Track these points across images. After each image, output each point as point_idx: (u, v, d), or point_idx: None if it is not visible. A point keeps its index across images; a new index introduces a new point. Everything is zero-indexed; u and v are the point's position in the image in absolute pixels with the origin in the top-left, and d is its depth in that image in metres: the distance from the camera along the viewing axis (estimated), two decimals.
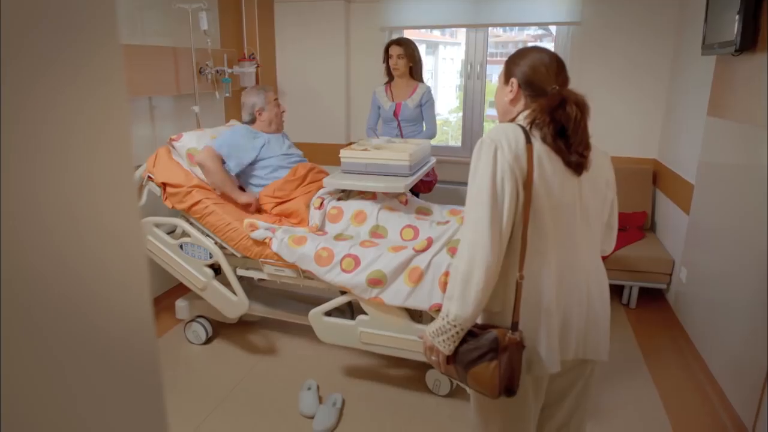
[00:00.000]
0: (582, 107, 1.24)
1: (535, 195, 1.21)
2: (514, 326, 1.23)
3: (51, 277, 0.41)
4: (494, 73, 6.80)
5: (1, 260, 0.36)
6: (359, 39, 4.10)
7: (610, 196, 1.38)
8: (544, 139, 1.24)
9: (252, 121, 2.73)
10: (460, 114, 5.42)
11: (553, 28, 3.92)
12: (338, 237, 2.36)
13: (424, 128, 3.40)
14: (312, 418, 2.24)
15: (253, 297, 2.83)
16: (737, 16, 2.25)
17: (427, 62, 6.03)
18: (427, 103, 3.32)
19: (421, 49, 3.93)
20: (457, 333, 1.24)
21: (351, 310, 2.51)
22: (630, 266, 3.24)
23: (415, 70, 3.33)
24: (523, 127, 1.26)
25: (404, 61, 3.25)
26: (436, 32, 6.10)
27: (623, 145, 3.77)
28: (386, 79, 3.45)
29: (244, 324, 3.01)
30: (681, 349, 2.81)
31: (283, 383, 2.50)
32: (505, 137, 1.23)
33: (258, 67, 3.75)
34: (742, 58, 2.40)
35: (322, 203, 2.49)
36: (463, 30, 4.21)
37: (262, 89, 2.72)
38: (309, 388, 2.40)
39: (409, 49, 3.25)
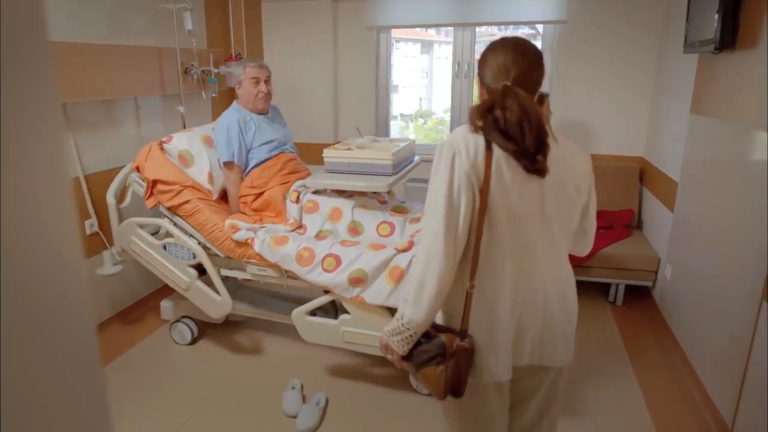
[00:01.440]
0: (523, 108, 1.16)
1: (492, 204, 1.19)
2: (463, 333, 1.25)
3: None
4: None
5: None
6: (347, 38, 4.10)
7: (580, 202, 1.31)
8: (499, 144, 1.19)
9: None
10: None
11: (540, 27, 3.92)
12: (318, 235, 2.36)
13: None
14: (295, 417, 2.24)
15: (238, 297, 2.83)
16: (716, 15, 2.26)
17: (421, 61, 6.03)
18: None
19: (416, 48, 3.93)
20: (411, 336, 1.26)
21: (335, 309, 2.51)
22: (616, 264, 3.25)
23: None
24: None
25: None
26: (431, 31, 6.09)
27: (610, 143, 3.78)
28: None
29: (230, 324, 3.01)
30: (666, 347, 2.83)
31: (267, 383, 2.50)
32: (464, 143, 1.20)
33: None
34: (722, 56, 2.41)
35: (298, 197, 2.49)
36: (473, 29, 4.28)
37: (245, 62, 2.68)
38: (293, 388, 2.41)
39: None
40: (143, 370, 2.62)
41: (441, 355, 1.23)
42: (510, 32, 5.02)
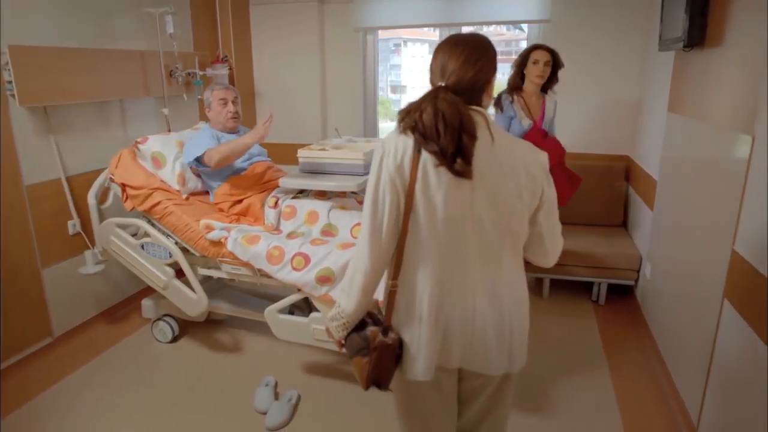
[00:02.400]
0: (436, 111, 1.14)
1: (416, 206, 1.19)
2: (386, 330, 1.28)
3: None
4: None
5: None
6: (334, 40, 4.13)
7: (523, 207, 1.23)
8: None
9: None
10: None
11: (525, 27, 3.93)
12: (290, 235, 2.39)
13: None
14: (266, 413, 2.27)
15: (220, 296, 2.88)
16: (684, 13, 2.26)
17: (427, 61, 6.04)
18: (555, 116, 2.94)
19: (423, 49, 3.94)
20: (345, 323, 1.32)
21: (309, 307, 2.54)
22: (598, 263, 3.25)
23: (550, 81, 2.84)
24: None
25: (549, 69, 2.75)
26: (437, 31, 6.09)
27: (597, 143, 3.78)
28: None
29: (213, 323, 3.06)
30: (644, 346, 2.82)
31: (243, 380, 2.54)
32: (394, 145, 1.21)
33: (231, 69, 3.79)
34: (692, 54, 2.41)
35: (276, 202, 2.52)
36: (465, 29, 4.31)
37: (212, 87, 2.75)
38: (266, 385, 2.44)
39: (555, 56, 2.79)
40: (123, 368, 2.67)
41: (366, 348, 1.28)
42: (518, 32, 5.01)
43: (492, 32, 6.07)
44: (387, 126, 5.46)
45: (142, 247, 2.59)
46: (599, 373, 2.60)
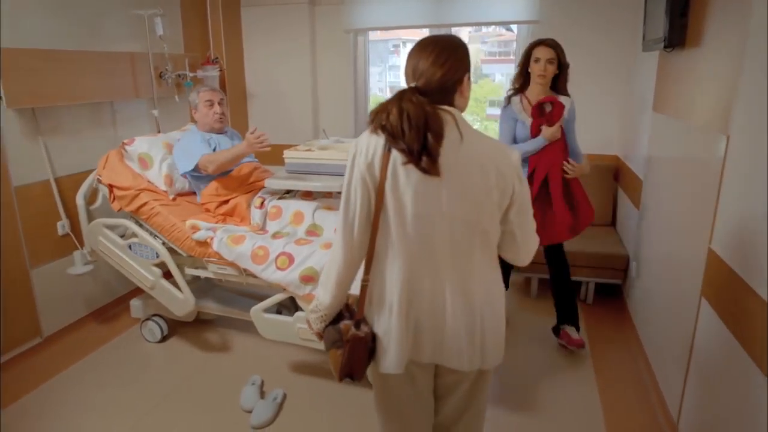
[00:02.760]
0: (401, 111, 1.17)
1: (386, 204, 1.22)
2: (358, 323, 1.31)
3: None
4: (496, 72, 6.76)
5: None
6: (325, 41, 4.16)
7: (492, 205, 1.24)
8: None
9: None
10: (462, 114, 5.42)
11: (515, 28, 3.94)
12: (275, 235, 2.41)
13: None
14: (251, 412, 2.29)
15: (209, 296, 2.90)
16: (665, 14, 2.28)
17: None
18: (573, 121, 2.64)
19: None
20: (322, 316, 1.37)
21: (296, 306, 2.56)
22: (586, 262, 3.26)
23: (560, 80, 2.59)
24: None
25: (553, 67, 2.54)
26: (426, 32, 6.12)
27: (587, 143, 3.74)
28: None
29: (202, 322, 3.08)
30: (630, 345, 2.84)
31: (230, 379, 2.56)
32: (366, 144, 1.24)
33: (221, 70, 3.82)
34: (674, 54, 2.43)
35: (262, 203, 2.54)
36: (467, 29, 4.58)
37: (198, 89, 2.78)
38: (253, 384, 2.46)
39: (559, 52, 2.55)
40: (112, 367, 2.69)
41: (339, 341, 1.33)
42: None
43: (491, 33, 6.08)
44: None
45: (130, 247, 2.62)
46: (584, 372, 2.62)
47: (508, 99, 2.65)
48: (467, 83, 1.28)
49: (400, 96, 1.21)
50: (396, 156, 1.20)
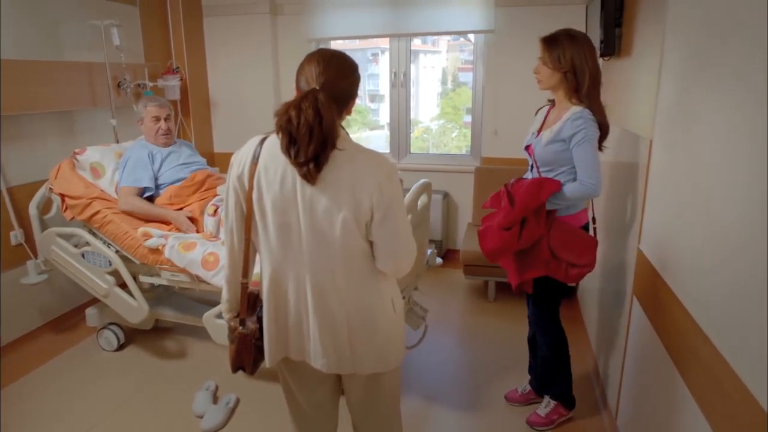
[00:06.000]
0: (304, 112, 1.17)
1: (254, 212, 1.30)
2: (242, 321, 1.44)
3: None
4: (469, 80, 6.80)
5: None
6: (287, 51, 4.21)
7: (349, 219, 1.22)
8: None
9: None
10: (441, 122, 5.40)
11: (472, 37, 4.04)
12: None
13: None
14: (203, 417, 2.31)
15: (166, 303, 2.91)
16: (599, 25, 2.39)
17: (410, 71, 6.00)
18: (575, 139, 1.95)
19: (405, 57, 4.01)
20: (226, 309, 1.49)
21: None
22: None
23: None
24: (262, 141, 1.29)
25: (547, 69, 2.19)
26: (416, 41, 6.13)
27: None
28: None
29: (160, 330, 3.08)
30: (579, 341, 2.92)
31: (185, 385, 2.57)
32: (239, 156, 1.32)
33: (182, 80, 3.84)
34: (610, 62, 2.54)
35: (216, 210, 2.57)
36: (445, 38, 4.75)
37: (145, 102, 2.79)
38: (207, 389, 2.48)
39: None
40: (66, 376, 2.68)
41: (231, 336, 1.46)
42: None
43: (469, 42, 6.11)
44: (364, 135, 5.48)
45: (83, 256, 2.62)
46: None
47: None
48: (353, 105, 1.34)
49: (305, 94, 1.22)
50: (261, 167, 1.26)
